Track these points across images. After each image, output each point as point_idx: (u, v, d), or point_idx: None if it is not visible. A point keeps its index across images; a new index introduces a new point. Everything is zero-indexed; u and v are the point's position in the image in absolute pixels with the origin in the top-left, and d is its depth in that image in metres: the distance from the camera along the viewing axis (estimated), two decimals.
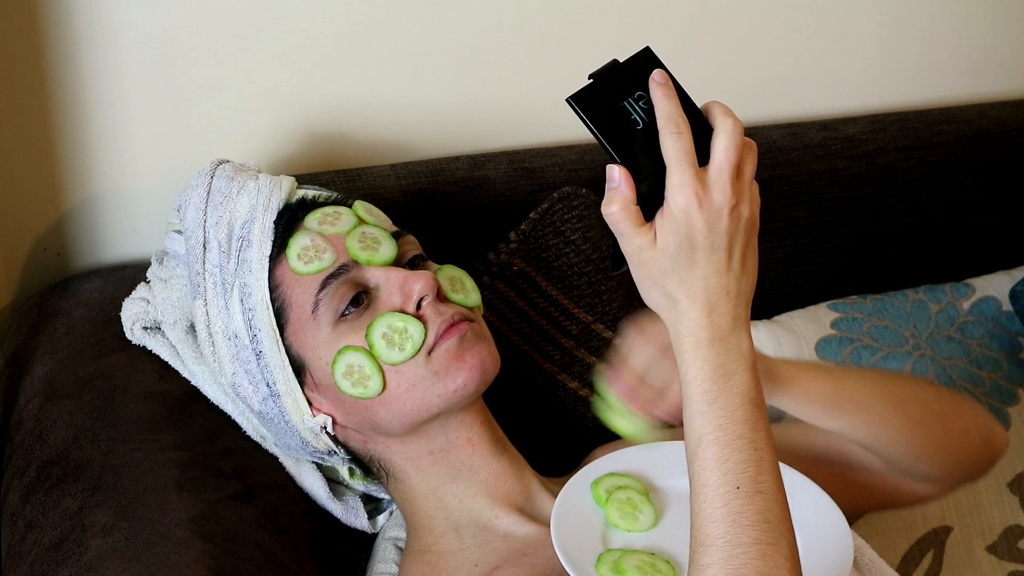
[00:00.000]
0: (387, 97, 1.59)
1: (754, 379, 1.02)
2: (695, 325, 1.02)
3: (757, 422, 1.01)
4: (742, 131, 1.03)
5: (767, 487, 1.00)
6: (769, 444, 1.01)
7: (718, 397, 1.01)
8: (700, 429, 1.01)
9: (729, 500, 0.99)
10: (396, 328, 1.22)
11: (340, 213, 1.28)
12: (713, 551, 0.98)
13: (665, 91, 1.02)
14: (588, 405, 1.46)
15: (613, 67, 1.03)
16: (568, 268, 1.48)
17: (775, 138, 1.71)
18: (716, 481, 1.00)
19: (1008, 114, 1.82)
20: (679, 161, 1.00)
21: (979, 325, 1.68)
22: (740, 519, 0.98)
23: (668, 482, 1.27)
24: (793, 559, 0.99)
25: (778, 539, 0.98)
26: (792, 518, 1.02)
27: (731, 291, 1.02)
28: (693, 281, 1.02)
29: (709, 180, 1.01)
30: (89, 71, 1.46)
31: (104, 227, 1.53)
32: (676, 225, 1.00)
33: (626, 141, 1.01)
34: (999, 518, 1.61)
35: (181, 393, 1.32)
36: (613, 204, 1.01)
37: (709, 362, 1.01)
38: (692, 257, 1.01)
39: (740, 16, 1.72)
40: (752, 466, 1.00)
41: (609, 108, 1.01)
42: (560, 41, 1.64)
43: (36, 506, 1.21)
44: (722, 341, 1.02)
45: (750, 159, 1.03)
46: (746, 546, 0.97)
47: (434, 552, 1.27)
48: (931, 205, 1.77)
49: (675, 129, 1.01)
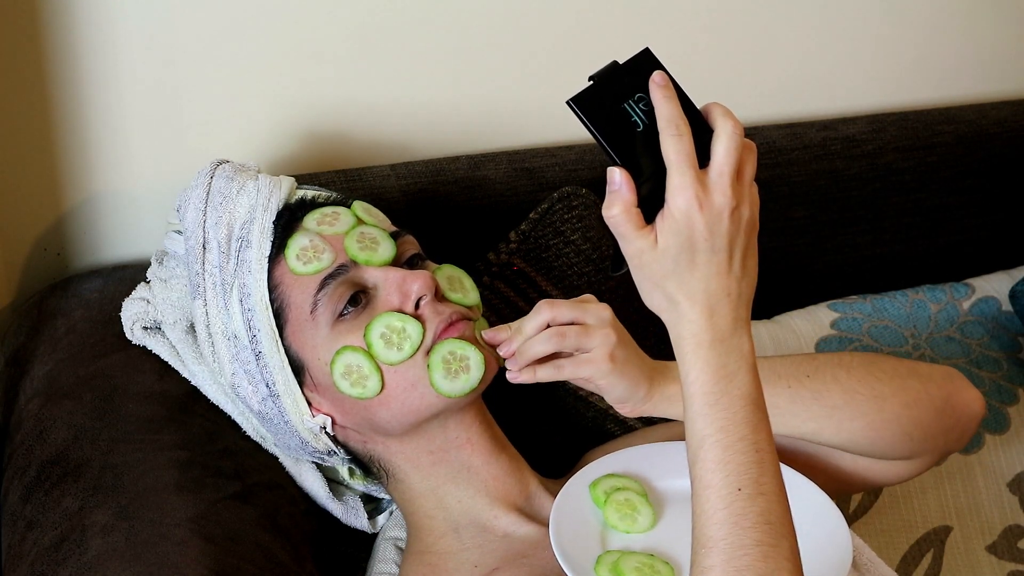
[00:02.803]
0: (387, 97, 1.59)
1: (755, 380, 1.02)
2: (696, 327, 1.02)
3: (759, 424, 1.01)
4: (742, 133, 1.03)
5: (769, 488, 1.00)
6: (770, 446, 1.02)
7: (720, 399, 1.01)
8: (702, 431, 1.01)
9: (731, 502, 0.99)
10: (394, 328, 1.22)
11: (339, 213, 1.28)
12: (715, 553, 0.98)
13: (665, 93, 1.02)
14: (588, 405, 1.47)
15: (613, 69, 1.03)
16: (568, 268, 1.48)
17: (775, 138, 1.71)
18: (718, 483, 1.00)
19: (1008, 114, 1.82)
20: (680, 163, 1.00)
21: (979, 325, 1.69)
22: (742, 521, 0.98)
23: (667, 483, 1.27)
24: (795, 560, 0.99)
25: (780, 540, 0.98)
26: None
27: (732, 293, 1.02)
28: (694, 283, 1.02)
29: (710, 182, 1.01)
30: (89, 71, 1.46)
31: (104, 227, 1.53)
32: (677, 227, 1.00)
33: (627, 143, 1.01)
34: (999, 518, 1.61)
35: (181, 393, 1.32)
36: (614, 207, 1.01)
37: (710, 364, 1.01)
38: (693, 259, 1.01)
39: (740, 17, 1.72)
40: (754, 468, 1.00)
41: (609, 110, 1.01)
42: (561, 42, 1.64)
43: (36, 506, 1.21)
44: (723, 343, 1.02)
45: (750, 161, 1.03)
46: (748, 548, 0.98)
47: (434, 553, 1.27)
48: (931, 205, 1.77)
49: (675, 131, 1.01)
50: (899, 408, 1.30)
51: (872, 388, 1.29)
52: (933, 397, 1.33)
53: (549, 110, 1.54)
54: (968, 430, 1.37)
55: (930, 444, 1.34)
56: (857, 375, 1.30)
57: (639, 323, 1.50)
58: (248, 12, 1.50)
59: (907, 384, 1.32)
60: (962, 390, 1.35)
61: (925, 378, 1.33)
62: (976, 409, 1.36)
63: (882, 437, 1.30)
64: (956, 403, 1.34)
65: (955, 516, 1.60)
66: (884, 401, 1.30)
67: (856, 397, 1.29)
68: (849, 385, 1.29)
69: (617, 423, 1.47)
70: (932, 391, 1.33)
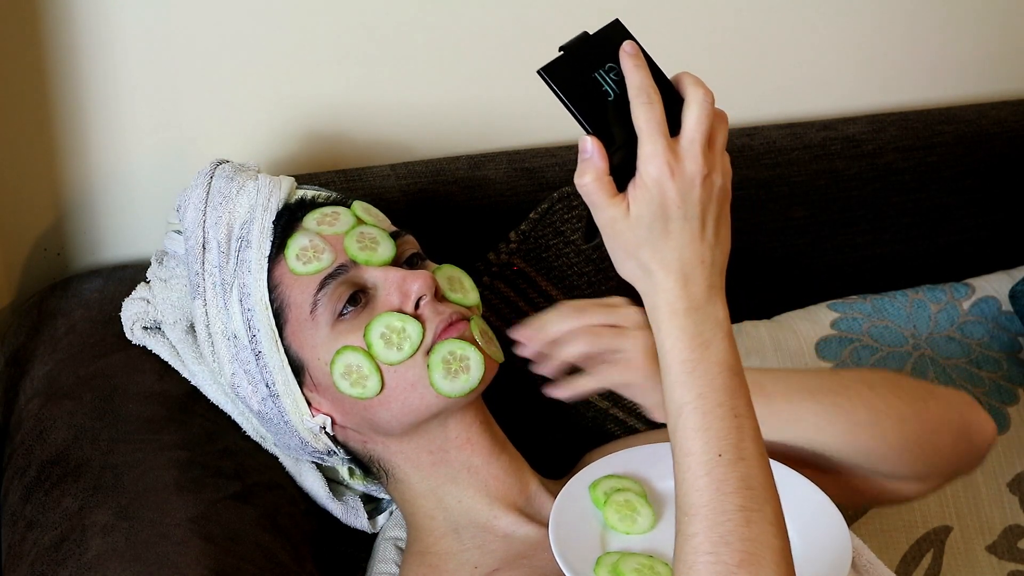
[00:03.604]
0: (387, 97, 1.59)
1: (732, 347, 1.02)
2: (670, 295, 1.02)
3: (737, 389, 1.01)
4: (713, 101, 1.03)
5: (749, 453, 1.00)
6: (749, 411, 1.02)
7: (696, 366, 1.01)
8: (680, 398, 1.01)
9: (711, 468, 0.99)
10: (394, 328, 1.22)
11: (339, 213, 1.28)
12: (697, 520, 0.98)
13: (636, 62, 1.03)
14: (588, 405, 1.47)
15: (583, 39, 1.04)
16: (568, 268, 1.48)
17: (775, 138, 1.71)
18: (698, 449, 1.00)
19: (1008, 114, 1.82)
20: (651, 131, 1.00)
21: (979, 325, 1.68)
22: (723, 486, 0.99)
23: (667, 484, 1.26)
24: (779, 524, 0.99)
25: (763, 505, 0.99)
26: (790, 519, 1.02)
27: (705, 260, 1.02)
28: (667, 251, 1.01)
29: (681, 150, 1.01)
30: (89, 71, 1.46)
31: (104, 227, 1.53)
32: (649, 195, 1.00)
33: (598, 112, 1.01)
34: (999, 518, 1.61)
35: (181, 393, 1.32)
36: (586, 175, 1.01)
37: (686, 331, 1.01)
38: (666, 227, 1.01)
39: (740, 17, 1.72)
40: (733, 433, 1.00)
41: (580, 80, 1.02)
42: (561, 42, 1.63)
43: (36, 506, 1.22)
44: (698, 310, 1.02)
45: (721, 129, 1.03)
46: (730, 513, 0.98)
47: (434, 553, 1.27)
48: (931, 205, 1.77)
49: (646, 99, 1.01)
50: (920, 430, 1.31)
51: (895, 409, 1.30)
52: (952, 422, 1.34)
53: (549, 110, 1.53)
54: (980, 455, 1.38)
55: (944, 467, 1.35)
56: (880, 394, 1.31)
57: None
58: (248, 12, 1.50)
59: (928, 407, 1.33)
60: (978, 416, 1.37)
61: (944, 402, 1.35)
62: (989, 436, 1.37)
63: (901, 457, 1.31)
64: (973, 429, 1.36)
65: (955, 516, 1.60)
66: (906, 423, 1.30)
67: (880, 416, 1.29)
68: (873, 404, 1.30)
69: (617, 423, 1.47)
70: (951, 416, 1.34)
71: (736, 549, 0.97)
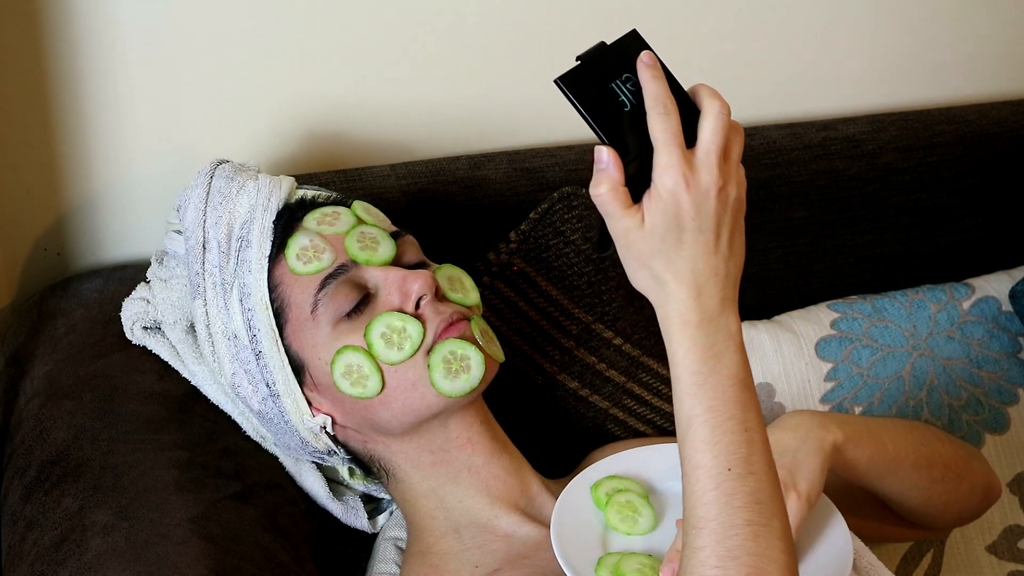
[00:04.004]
0: (387, 97, 1.59)
1: (743, 360, 1.02)
2: (683, 307, 1.01)
3: (747, 403, 1.01)
4: (729, 113, 1.03)
5: (759, 468, 1.00)
6: (759, 425, 1.02)
7: (708, 378, 1.01)
8: (690, 411, 1.01)
9: (721, 482, 0.99)
10: (395, 327, 1.22)
11: (339, 213, 1.28)
12: (705, 533, 0.98)
13: (653, 72, 1.03)
14: (588, 405, 1.47)
15: (601, 49, 1.04)
16: (568, 268, 1.48)
17: (775, 138, 1.71)
18: (707, 463, 1.00)
19: (1008, 114, 1.82)
20: (667, 142, 1.00)
21: (979, 325, 1.68)
22: (732, 500, 0.99)
23: (669, 485, 1.27)
24: (786, 539, 0.99)
25: (771, 520, 0.99)
26: None
27: (719, 272, 1.02)
28: (681, 262, 1.01)
29: (696, 161, 1.01)
30: (89, 71, 1.46)
31: (104, 227, 1.53)
32: (664, 206, 1.00)
33: (614, 122, 1.01)
34: (999, 518, 1.61)
35: (181, 393, 1.32)
36: (601, 185, 1.01)
37: (698, 343, 1.01)
38: (680, 238, 1.01)
39: (740, 17, 1.72)
40: (743, 447, 1.00)
41: (597, 90, 1.01)
42: (561, 41, 1.63)
43: (36, 506, 1.22)
44: (710, 322, 1.02)
45: (737, 141, 1.03)
46: (738, 527, 0.98)
47: (435, 553, 1.27)
48: (931, 205, 1.76)
49: (663, 110, 1.01)
50: (967, 488, 1.38)
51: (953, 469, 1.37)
52: (984, 482, 1.41)
53: (549, 110, 1.54)
54: (984, 511, 1.45)
55: (962, 521, 1.44)
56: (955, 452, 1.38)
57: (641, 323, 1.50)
58: (248, 12, 1.50)
59: (972, 467, 1.39)
60: (994, 477, 1.44)
61: (980, 462, 1.41)
62: (998, 495, 1.45)
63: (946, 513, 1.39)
64: (992, 489, 1.43)
65: None
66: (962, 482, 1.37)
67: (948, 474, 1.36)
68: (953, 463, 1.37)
69: (617, 423, 1.47)
70: (984, 476, 1.41)
71: (743, 563, 0.97)
